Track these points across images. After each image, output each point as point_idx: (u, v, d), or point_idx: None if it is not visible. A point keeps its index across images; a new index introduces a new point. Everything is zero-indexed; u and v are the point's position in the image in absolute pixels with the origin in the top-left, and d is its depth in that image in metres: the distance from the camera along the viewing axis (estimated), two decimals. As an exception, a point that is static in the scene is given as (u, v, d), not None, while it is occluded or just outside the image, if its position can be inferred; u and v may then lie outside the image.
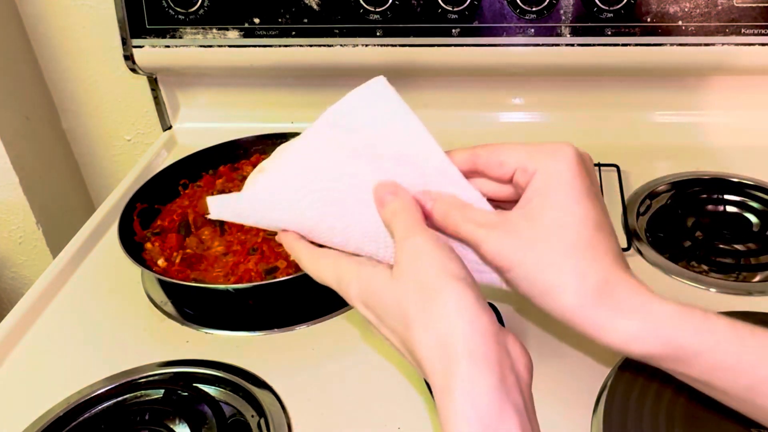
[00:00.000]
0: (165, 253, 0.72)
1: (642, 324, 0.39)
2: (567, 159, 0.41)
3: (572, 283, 0.39)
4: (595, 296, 0.39)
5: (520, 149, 0.42)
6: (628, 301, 0.39)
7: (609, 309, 0.39)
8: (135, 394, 0.61)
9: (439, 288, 0.38)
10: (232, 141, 0.88)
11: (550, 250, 0.39)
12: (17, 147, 1.02)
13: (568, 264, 0.39)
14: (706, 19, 0.82)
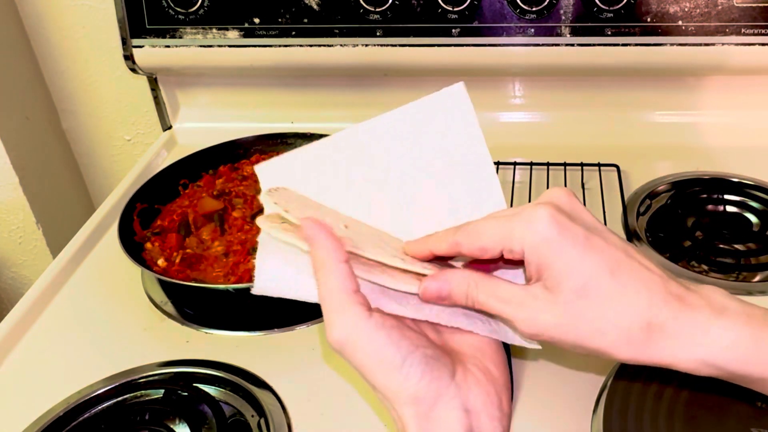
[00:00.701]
0: (165, 253, 0.72)
1: (701, 354, 0.38)
2: (542, 224, 0.38)
3: (618, 342, 0.38)
4: (645, 341, 0.38)
5: (495, 230, 0.40)
6: (683, 332, 0.38)
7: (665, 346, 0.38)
8: (135, 394, 0.61)
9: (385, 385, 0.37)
10: (232, 141, 0.88)
11: (582, 320, 0.38)
12: (17, 147, 1.02)
13: (606, 326, 0.38)
14: (706, 19, 0.82)
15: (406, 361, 0.37)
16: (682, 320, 0.38)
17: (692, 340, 0.38)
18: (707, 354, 0.38)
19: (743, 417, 0.52)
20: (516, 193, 0.83)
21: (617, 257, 0.39)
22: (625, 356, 0.38)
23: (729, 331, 0.38)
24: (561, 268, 0.38)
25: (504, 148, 0.92)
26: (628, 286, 0.38)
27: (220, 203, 0.77)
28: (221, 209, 0.76)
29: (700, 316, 0.38)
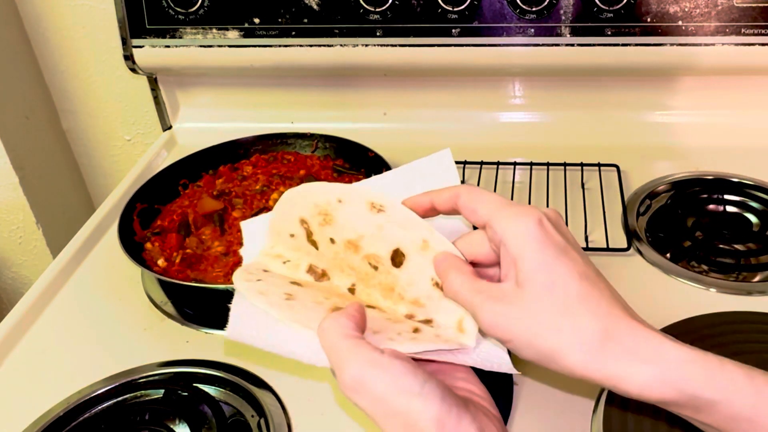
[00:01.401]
0: (165, 253, 0.72)
1: (656, 370, 0.38)
2: (529, 221, 0.40)
3: (573, 342, 0.39)
4: (599, 349, 0.39)
5: (492, 204, 0.42)
6: (637, 347, 0.38)
7: (618, 358, 0.38)
8: (135, 394, 0.61)
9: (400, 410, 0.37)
10: (232, 141, 0.88)
11: (543, 315, 0.39)
12: (17, 147, 1.02)
13: (564, 323, 0.39)
14: (706, 19, 0.82)
15: (425, 387, 0.37)
16: (639, 336, 0.39)
17: (647, 355, 0.38)
18: (663, 370, 0.38)
19: (743, 417, 0.52)
20: (516, 193, 0.83)
21: (587, 270, 0.41)
22: (576, 360, 0.39)
23: (685, 351, 0.38)
24: (535, 263, 0.40)
25: (504, 148, 0.92)
26: (593, 293, 0.40)
27: (220, 203, 0.77)
28: (221, 209, 0.76)
29: (657, 338, 0.39)
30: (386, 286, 0.43)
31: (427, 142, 0.95)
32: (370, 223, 0.43)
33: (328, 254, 0.44)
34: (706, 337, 0.60)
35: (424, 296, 0.42)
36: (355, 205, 0.43)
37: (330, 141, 0.88)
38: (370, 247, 0.43)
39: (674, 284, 0.69)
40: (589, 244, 0.74)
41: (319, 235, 0.44)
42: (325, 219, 0.44)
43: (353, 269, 0.44)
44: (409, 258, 0.42)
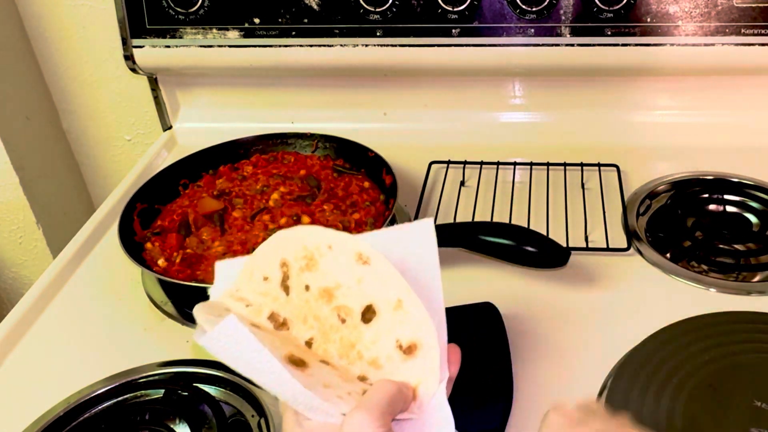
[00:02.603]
0: (165, 253, 0.72)
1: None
2: None
3: None
4: None
5: None
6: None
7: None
8: (135, 394, 0.61)
9: None
10: (232, 141, 0.88)
11: None
12: (17, 147, 1.02)
13: None
14: (706, 19, 0.82)
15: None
16: None
17: None
18: None
19: (743, 417, 0.52)
20: (516, 193, 0.83)
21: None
22: None
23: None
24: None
25: (504, 148, 0.92)
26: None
27: (220, 203, 0.77)
28: (221, 209, 0.76)
29: None
30: (347, 343, 0.43)
31: (427, 142, 0.95)
32: (351, 274, 0.43)
33: (296, 302, 0.44)
34: (706, 337, 0.60)
35: (385, 357, 0.42)
36: (343, 254, 0.43)
37: (330, 141, 0.88)
38: (345, 298, 0.43)
39: (674, 284, 0.69)
40: (589, 244, 0.74)
41: (294, 280, 0.44)
42: (309, 264, 0.44)
43: (317, 320, 0.44)
44: (380, 316, 0.42)
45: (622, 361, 0.59)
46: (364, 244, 0.43)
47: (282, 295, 0.44)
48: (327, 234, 0.44)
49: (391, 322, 0.42)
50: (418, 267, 0.44)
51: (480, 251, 0.69)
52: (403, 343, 0.42)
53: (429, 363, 0.41)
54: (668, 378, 0.56)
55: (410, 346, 0.41)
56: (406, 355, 0.41)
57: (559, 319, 0.66)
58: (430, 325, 0.41)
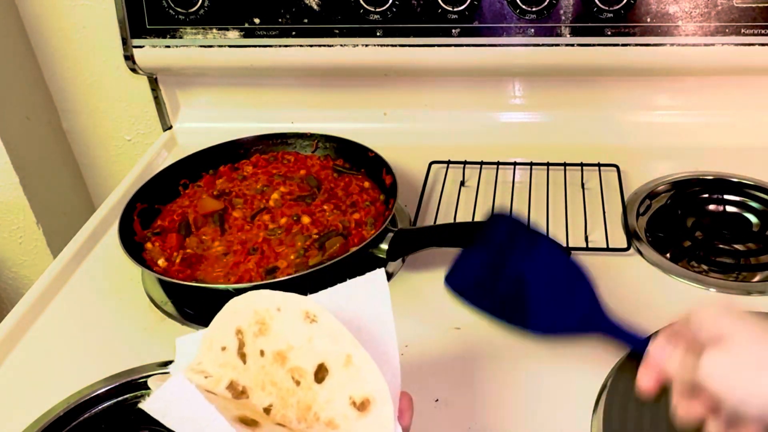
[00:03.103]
0: (165, 253, 0.72)
1: None
2: None
3: None
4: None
5: None
6: None
7: None
8: (135, 394, 0.61)
9: None
10: (232, 141, 0.88)
11: None
12: (17, 147, 1.02)
13: None
14: (706, 19, 0.82)
15: None
16: None
17: None
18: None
19: (743, 417, 0.52)
20: (516, 193, 0.83)
21: None
22: None
23: None
24: None
25: (504, 148, 0.92)
26: None
27: (220, 203, 0.77)
28: (221, 209, 0.76)
29: None
30: (304, 405, 0.43)
31: (427, 142, 0.95)
32: (301, 334, 0.43)
33: (253, 369, 0.44)
34: (706, 337, 0.60)
35: (340, 416, 0.42)
36: (291, 314, 0.43)
37: (330, 141, 0.88)
38: (297, 359, 0.43)
39: (674, 284, 0.69)
40: (589, 244, 0.74)
41: (250, 347, 0.44)
42: (261, 329, 0.44)
43: (274, 386, 0.44)
44: (332, 374, 0.42)
45: (622, 361, 0.59)
46: (310, 303, 0.43)
47: (240, 364, 0.45)
48: (275, 297, 0.44)
49: (343, 379, 0.42)
50: (372, 320, 0.45)
51: (480, 251, 0.69)
52: (356, 399, 0.42)
53: (383, 419, 0.41)
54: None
55: (363, 402, 0.41)
56: (360, 411, 0.41)
57: (559, 319, 0.66)
58: (381, 378, 0.41)
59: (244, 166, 0.86)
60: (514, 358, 0.62)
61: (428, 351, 0.63)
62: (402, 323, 0.66)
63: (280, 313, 0.44)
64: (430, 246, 0.72)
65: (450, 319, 0.67)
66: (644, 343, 0.49)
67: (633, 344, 0.51)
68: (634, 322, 0.63)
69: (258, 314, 0.44)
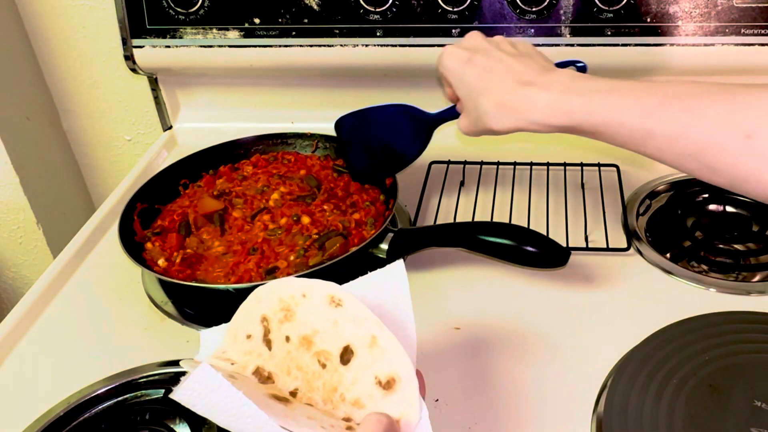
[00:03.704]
0: (165, 253, 0.72)
1: (550, 96, 0.55)
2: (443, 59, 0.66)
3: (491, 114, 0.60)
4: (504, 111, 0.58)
5: None
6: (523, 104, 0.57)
7: (525, 95, 0.57)
8: (135, 394, 0.61)
9: None
10: (232, 141, 0.88)
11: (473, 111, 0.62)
12: (17, 147, 1.02)
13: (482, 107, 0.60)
14: (706, 19, 0.82)
15: None
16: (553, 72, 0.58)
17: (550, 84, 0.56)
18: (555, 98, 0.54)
19: (743, 417, 0.52)
20: (516, 193, 0.83)
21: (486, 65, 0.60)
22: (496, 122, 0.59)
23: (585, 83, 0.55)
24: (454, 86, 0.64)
25: (504, 148, 0.92)
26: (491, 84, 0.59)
27: (220, 203, 0.77)
28: (221, 209, 0.76)
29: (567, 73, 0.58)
30: (330, 387, 0.44)
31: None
32: (327, 318, 0.44)
33: (279, 354, 0.45)
34: (706, 337, 0.60)
35: (366, 396, 0.43)
36: (316, 299, 0.45)
37: (330, 141, 0.88)
38: (323, 343, 0.44)
39: (674, 284, 0.69)
40: (589, 243, 0.74)
41: (275, 333, 0.46)
42: (286, 315, 0.45)
43: (300, 370, 0.45)
44: (357, 355, 0.43)
45: (622, 361, 0.59)
46: (335, 288, 0.44)
47: (265, 351, 0.46)
48: (300, 283, 0.45)
49: (369, 359, 0.43)
50: (393, 307, 0.46)
51: (480, 251, 0.69)
52: (381, 378, 0.43)
53: (408, 395, 0.42)
54: (668, 378, 0.56)
55: (389, 380, 0.43)
56: (386, 390, 0.42)
57: (559, 319, 0.66)
58: (406, 357, 0.42)
59: (244, 166, 0.86)
60: (514, 358, 0.62)
61: (428, 351, 0.63)
62: (402, 323, 0.67)
63: (306, 299, 0.45)
64: (430, 246, 0.72)
65: (450, 319, 0.67)
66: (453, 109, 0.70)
67: (447, 113, 0.72)
68: (634, 323, 0.63)
69: (283, 301, 0.45)
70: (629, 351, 0.60)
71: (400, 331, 0.44)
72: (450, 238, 0.71)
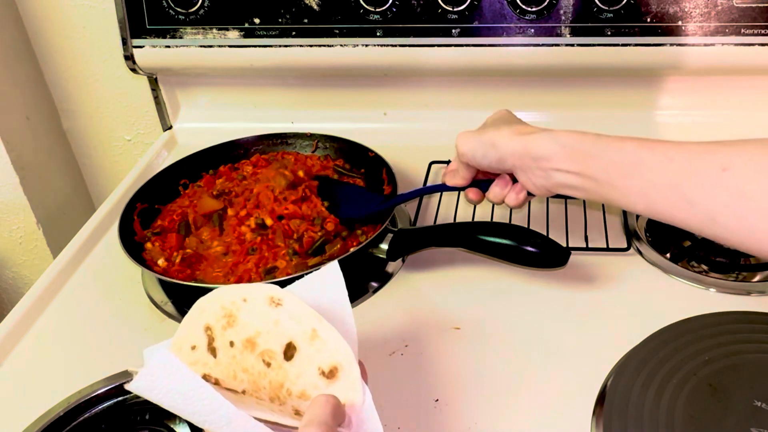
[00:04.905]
0: (165, 253, 0.72)
1: (547, 134, 0.60)
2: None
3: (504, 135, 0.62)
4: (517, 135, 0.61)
5: None
6: (540, 132, 0.61)
7: (527, 135, 0.61)
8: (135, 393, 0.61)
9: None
10: (232, 141, 0.88)
11: None
12: (17, 147, 1.02)
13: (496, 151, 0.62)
14: (706, 19, 0.82)
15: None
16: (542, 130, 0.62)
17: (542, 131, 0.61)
18: (552, 135, 0.60)
19: (743, 417, 0.52)
20: (516, 193, 0.83)
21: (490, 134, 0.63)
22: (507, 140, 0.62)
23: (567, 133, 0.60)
24: None
25: (504, 148, 0.92)
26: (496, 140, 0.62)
27: (220, 203, 0.77)
28: (221, 209, 0.76)
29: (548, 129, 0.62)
30: (276, 384, 0.45)
31: (427, 142, 0.95)
32: (268, 318, 0.45)
33: (224, 361, 0.46)
34: (706, 337, 0.60)
35: (311, 387, 0.44)
36: (257, 302, 0.46)
37: (330, 141, 0.88)
38: (266, 343, 0.46)
39: (674, 284, 0.69)
40: (589, 243, 0.74)
41: (220, 340, 0.47)
42: (229, 321, 0.46)
43: (246, 372, 0.46)
44: (300, 350, 0.45)
45: (622, 361, 0.59)
46: (274, 288, 0.46)
47: (210, 359, 0.47)
48: (240, 288, 0.47)
49: (311, 352, 0.44)
50: (332, 304, 0.48)
51: (480, 251, 0.69)
52: (324, 368, 0.44)
53: (351, 381, 0.43)
54: (668, 378, 0.56)
55: (332, 369, 0.44)
56: (329, 379, 0.44)
57: (559, 319, 0.66)
58: (346, 345, 0.44)
59: (243, 166, 0.86)
60: (514, 358, 0.62)
61: (428, 351, 0.63)
62: (402, 323, 0.67)
63: (246, 303, 0.46)
64: (430, 246, 0.72)
65: (450, 319, 0.67)
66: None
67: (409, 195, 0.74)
68: (634, 323, 0.63)
69: (225, 308, 0.47)
70: (629, 351, 0.60)
71: (341, 326, 0.45)
72: (450, 238, 0.71)
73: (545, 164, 0.59)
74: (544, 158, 0.59)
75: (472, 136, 0.64)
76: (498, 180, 0.65)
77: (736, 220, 0.48)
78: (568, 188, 0.59)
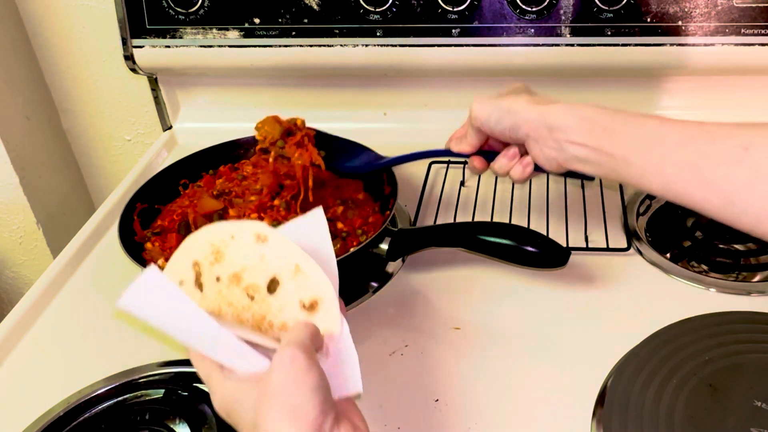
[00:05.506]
0: (165, 253, 0.72)
1: (563, 105, 0.58)
2: None
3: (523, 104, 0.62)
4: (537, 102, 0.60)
5: None
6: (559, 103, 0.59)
7: (546, 104, 0.59)
8: (135, 394, 0.61)
9: None
10: (232, 141, 0.88)
11: None
12: (17, 147, 1.02)
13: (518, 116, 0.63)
14: (706, 19, 0.82)
15: None
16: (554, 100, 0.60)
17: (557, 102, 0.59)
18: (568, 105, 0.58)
19: (743, 417, 0.52)
20: (516, 192, 0.83)
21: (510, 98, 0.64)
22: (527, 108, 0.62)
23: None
24: None
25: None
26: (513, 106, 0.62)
27: (220, 203, 0.77)
28: (221, 209, 0.76)
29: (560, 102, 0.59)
30: (258, 317, 0.47)
31: (427, 142, 0.95)
32: (254, 254, 0.47)
33: (210, 295, 0.48)
34: (706, 337, 0.60)
35: (292, 319, 0.46)
36: (244, 238, 0.47)
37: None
38: (251, 277, 0.47)
39: (674, 284, 0.69)
40: (589, 244, 0.74)
41: (207, 276, 0.48)
42: (216, 257, 0.47)
43: (231, 306, 0.47)
44: (283, 284, 0.46)
45: (622, 361, 0.59)
46: (261, 225, 0.47)
47: (197, 293, 0.48)
48: (229, 225, 0.48)
49: (293, 286, 0.46)
50: (315, 246, 0.49)
51: (480, 251, 0.69)
52: (305, 302, 0.46)
53: (331, 313, 0.45)
54: (668, 378, 0.56)
55: (312, 303, 0.46)
56: (310, 311, 0.46)
57: (559, 319, 0.66)
58: (327, 281, 0.45)
59: (244, 166, 0.86)
60: (514, 358, 0.62)
61: (428, 351, 0.63)
62: (402, 323, 0.67)
63: (234, 239, 0.47)
64: (430, 246, 0.72)
65: (450, 319, 0.67)
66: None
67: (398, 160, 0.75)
68: (634, 323, 0.63)
69: (213, 245, 0.48)
70: (629, 351, 0.60)
71: (324, 266, 0.46)
72: (450, 238, 0.71)
73: (560, 136, 0.57)
74: (560, 129, 0.57)
75: (489, 101, 0.63)
76: (505, 151, 0.64)
77: (755, 200, 0.48)
78: (580, 162, 0.57)
